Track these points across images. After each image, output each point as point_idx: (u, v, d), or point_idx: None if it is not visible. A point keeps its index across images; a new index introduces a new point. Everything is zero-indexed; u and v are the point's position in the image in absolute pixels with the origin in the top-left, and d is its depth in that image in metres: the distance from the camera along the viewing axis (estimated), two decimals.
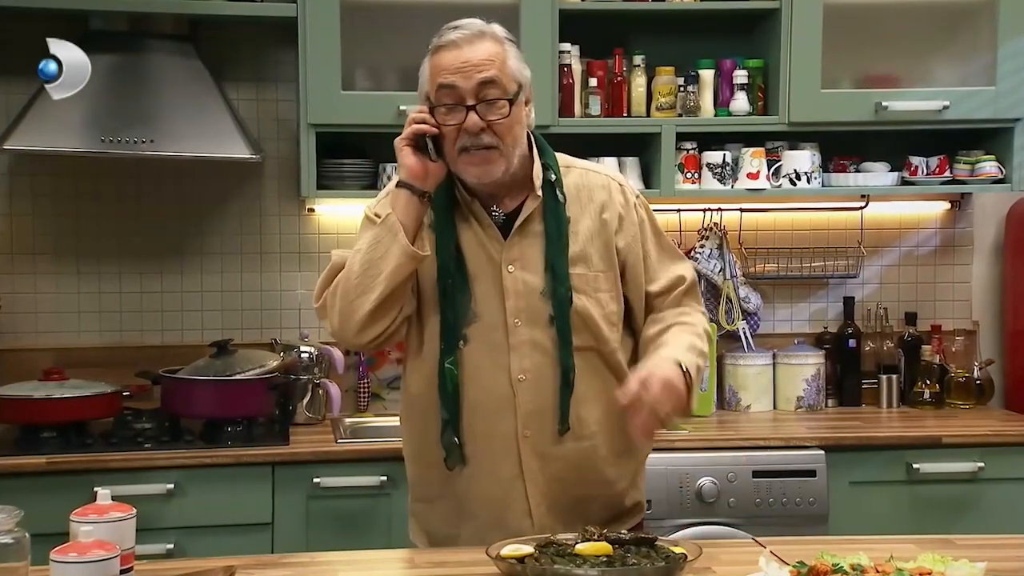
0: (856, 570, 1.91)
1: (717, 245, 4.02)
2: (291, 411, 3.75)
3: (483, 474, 2.33)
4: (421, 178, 2.24)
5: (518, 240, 2.31)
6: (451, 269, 2.29)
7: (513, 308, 2.29)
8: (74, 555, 1.81)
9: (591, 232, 2.34)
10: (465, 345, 2.30)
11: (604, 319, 2.34)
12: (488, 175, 2.26)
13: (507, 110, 2.23)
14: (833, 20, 3.74)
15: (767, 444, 3.53)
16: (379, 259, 2.22)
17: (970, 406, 4.03)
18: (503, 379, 2.30)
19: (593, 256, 2.34)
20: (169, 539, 3.26)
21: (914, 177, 3.92)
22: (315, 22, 3.57)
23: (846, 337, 4.09)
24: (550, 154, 2.38)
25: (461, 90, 2.22)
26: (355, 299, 2.23)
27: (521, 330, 2.29)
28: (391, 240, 2.21)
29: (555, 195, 2.32)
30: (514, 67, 2.27)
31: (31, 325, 3.88)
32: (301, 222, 3.99)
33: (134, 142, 3.51)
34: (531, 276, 2.30)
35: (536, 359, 2.30)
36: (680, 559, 1.99)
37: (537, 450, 2.32)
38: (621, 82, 3.81)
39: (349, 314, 2.25)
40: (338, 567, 2.20)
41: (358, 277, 2.23)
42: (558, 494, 2.34)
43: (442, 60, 2.24)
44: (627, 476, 2.42)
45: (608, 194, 2.37)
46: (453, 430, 2.31)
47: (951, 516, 3.56)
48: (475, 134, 2.22)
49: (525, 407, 2.30)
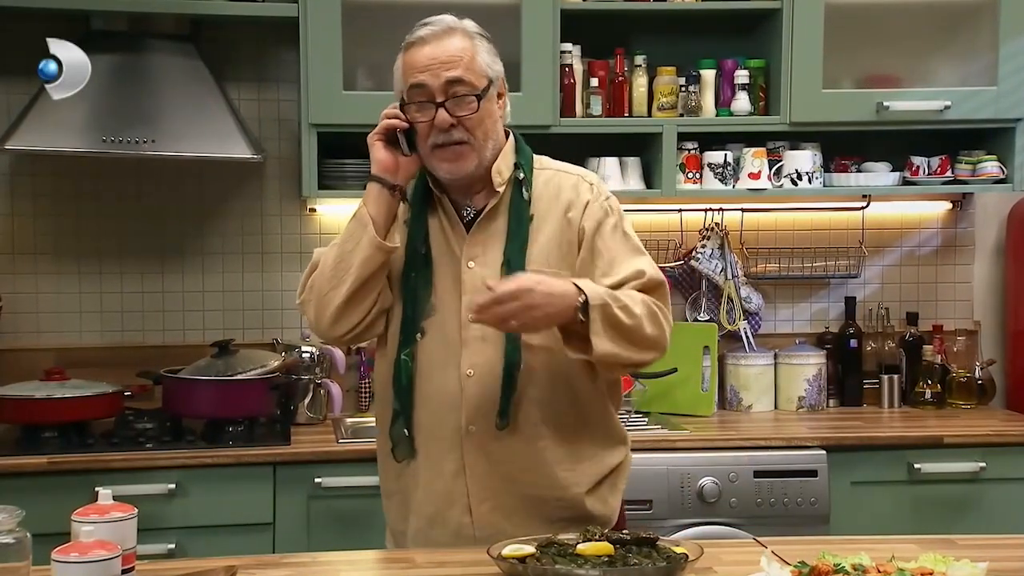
0: (858, 570, 1.91)
1: (718, 245, 4.02)
2: (292, 411, 3.75)
3: (428, 469, 2.34)
4: (392, 171, 2.30)
5: (480, 236, 2.33)
6: (416, 263, 2.32)
7: (468, 303, 2.28)
8: (75, 555, 1.81)
9: (554, 231, 2.33)
10: (422, 338, 2.32)
11: None
12: (460, 170, 2.29)
13: (476, 106, 2.26)
14: (834, 20, 3.74)
15: (768, 444, 3.53)
16: (350, 252, 2.27)
17: (972, 406, 4.03)
18: (453, 373, 2.30)
19: (553, 255, 2.32)
20: (170, 539, 3.26)
21: (915, 177, 3.92)
22: (316, 22, 3.57)
23: (847, 337, 4.09)
24: (525, 154, 2.38)
25: (430, 87, 2.25)
26: (328, 292, 2.29)
27: (474, 325, 2.27)
28: (361, 232, 2.26)
29: (520, 193, 2.32)
30: (484, 62, 2.29)
31: (32, 325, 3.88)
32: (302, 222, 3.99)
33: (135, 142, 3.51)
34: (489, 271, 2.30)
35: (487, 355, 2.29)
36: (681, 559, 1.99)
37: (482, 447, 2.31)
38: (622, 82, 3.81)
39: (323, 307, 2.30)
40: (339, 567, 2.20)
41: (331, 270, 2.29)
42: (505, 493, 2.32)
43: (412, 58, 2.29)
44: (585, 482, 2.36)
45: (576, 193, 2.35)
46: (404, 422, 2.33)
47: (953, 516, 3.55)
48: (445, 130, 2.25)
49: (470, 402, 2.30)
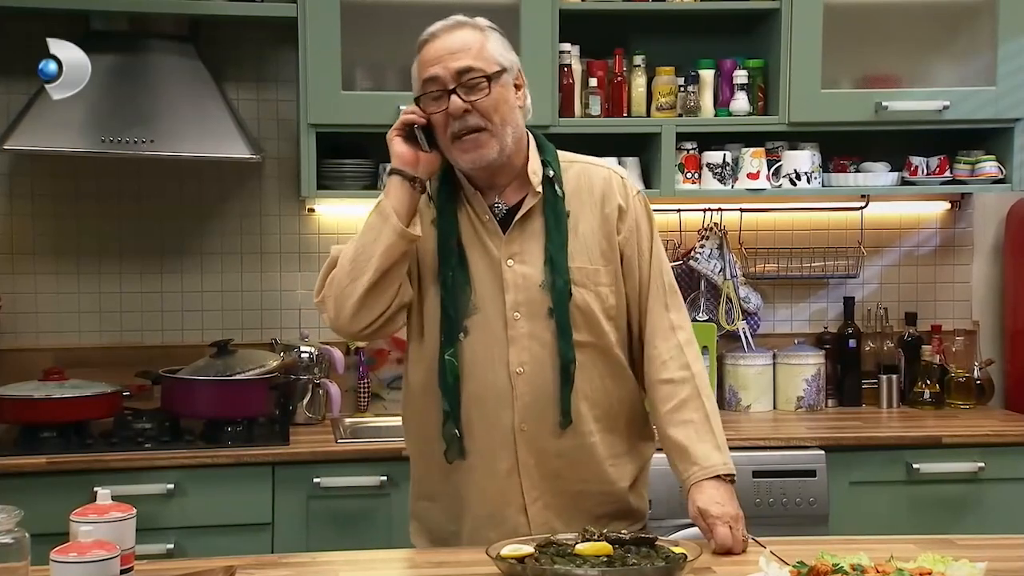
0: (856, 570, 1.91)
1: (717, 245, 4.02)
2: (291, 411, 3.75)
3: (481, 468, 2.33)
4: (412, 164, 2.28)
5: (518, 235, 2.32)
6: (452, 263, 2.30)
7: (512, 301, 2.30)
8: (74, 555, 1.81)
9: (592, 226, 2.35)
10: (465, 337, 2.31)
11: (604, 313, 2.34)
12: (482, 159, 2.27)
13: (487, 88, 2.25)
14: (833, 20, 3.74)
15: (767, 444, 3.53)
16: (370, 243, 2.25)
17: (970, 406, 4.03)
18: (502, 372, 2.30)
19: (594, 250, 2.34)
20: (169, 539, 3.26)
21: (914, 177, 3.92)
22: (315, 22, 3.57)
23: (846, 337, 4.09)
24: (550, 150, 2.38)
25: (441, 77, 2.25)
26: (348, 285, 2.26)
27: (521, 323, 2.30)
28: (382, 224, 2.24)
29: (554, 190, 2.33)
30: (495, 50, 2.29)
31: (31, 325, 3.88)
32: (301, 222, 3.99)
33: (134, 142, 3.51)
34: (530, 269, 2.31)
35: (535, 352, 2.30)
36: (680, 559, 1.99)
37: (534, 444, 2.31)
38: (621, 82, 3.81)
39: (343, 301, 2.27)
40: (338, 567, 2.20)
41: (351, 263, 2.26)
42: (555, 489, 2.33)
43: (424, 54, 2.29)
44: (627, 476, 2.41)
45: (610, 187, 2.38)
46: (454, 422, 2.31)
47: (951, 516, 3.56)
48: (460, 116, 2.24)
49: (523, 400, 2.30)
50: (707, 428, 2.31)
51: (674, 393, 2.33)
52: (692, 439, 2.30)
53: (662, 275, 2.39)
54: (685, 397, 2.32)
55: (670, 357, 2.34)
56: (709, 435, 2.30)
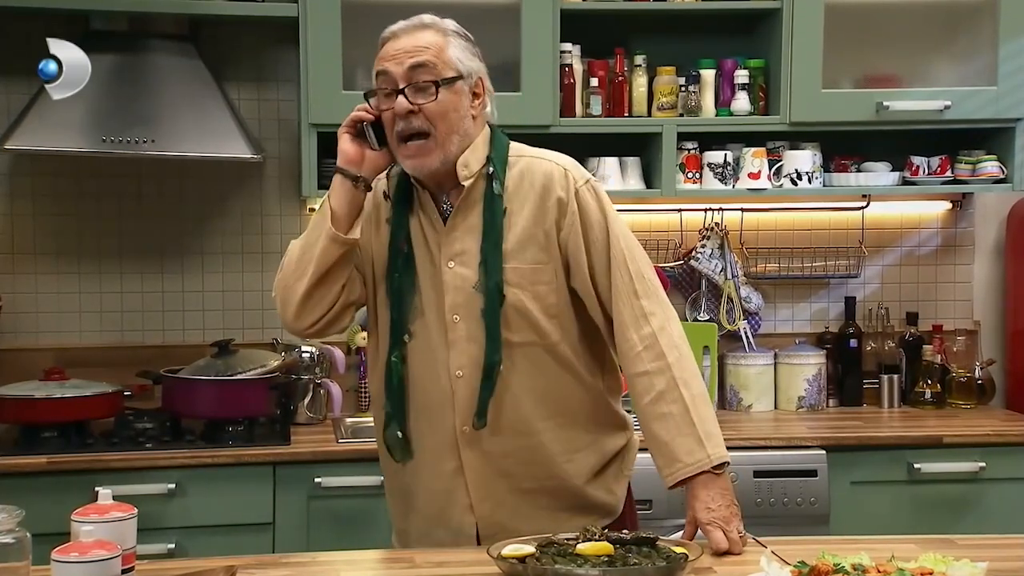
0: (857, 570, 1.91)
1: (718, 245, 4.02)
2: (292, 411, 3.76)
3: (426, 468, 2.34)
4: (356, 163, 2.27)
5: (457, 235, 2.30)
6: (399, 265, 2.30)
7: (451, 304, 2.28)
8: (75, 555, 1.81)
9: (529, 222, 2.29)
10: (410, 340, 2.31)
11: (543, 312, 2.30)
12: (424, 166, 2.25)
13: (435, 93, 2.21)
14: (834, 20, 3.74)
15: (768, 444, 3.53)
16: (312, 244, 2.27)
17: (971, 406, 4.03)
18: (444, 375, 2.29)
19: (530, 247, 2.29)
20: (170, 539, 3.27)
21: (915, 177, 3.92)
22: (316, 21, 3.57)
23: (847, 337, 4.09)
24: (499, 146, 2.33)
25: (393, 75, 2.23)
26: (292, 284, 2.29)
27: (459, 326, 2.28)
28: (320, 225, 2.26)
29: (491, 188, 2.29)
30: (454, 55, 2.25)
31: (32, 325, 3.88)
32: (302, 222, 3.99)
33: (135, 142, 3.51)
34: (468, 271, 2.28)
35: (473, 355, 2.27)
36: (681, 559, 1.99)
37: (477, 446, 2.30)
38: (622, 82, 3.81)
39: (287, 299, 2.30)
40: (339, 567, 2.20)
41: (295, 262, 2.30)
42: (505, 490, 2.32)
43: (384, 50, 2.28)
44: (586, 471, 2.37)
45: (551, 180, 2.30)
46: (398, 424, 2.32)
47: (952, 516, 3.56)
48: (404, 117, 2.22)
49: (462, 403, 2.29)
50: (687, 420, 2.22)
51: (651, 386, 2.25)
52: (672, 434, 2.22)
53: (626, 263, 2.29)
54: (662, 389, 2.24)
55: (644, 347, 2.26)
56: (689, 427, 2.22)
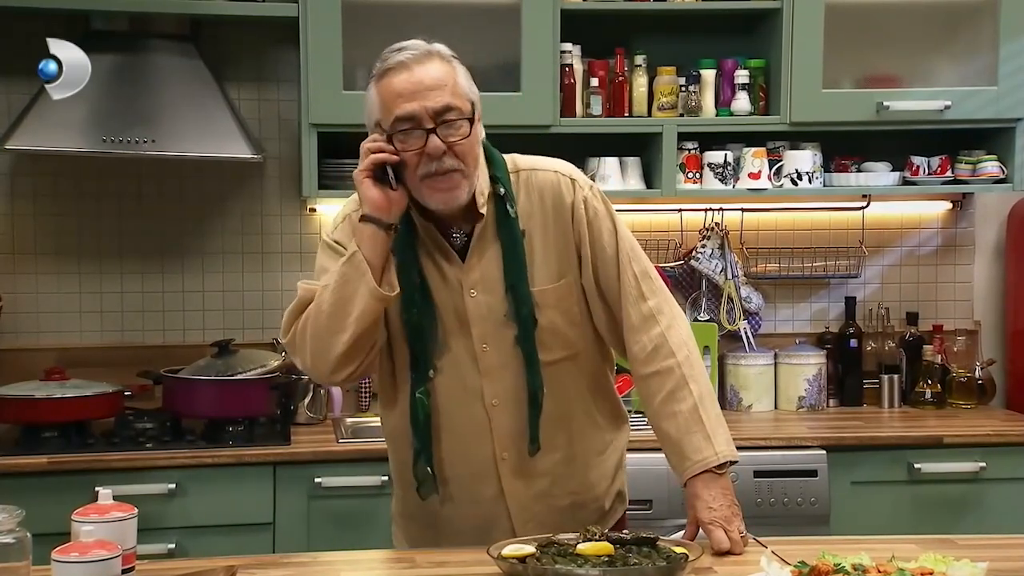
0: (858, 570, 1.91)
1: (718, 245, 4.02)
2: (292, 411, 3.75)
3: (463, 498, 2.32)
4: (386, 210, 2.15)
5: (476, 262, 2.25)
6: (416, 299, 2.23)
7: (479, 334, 2.25)
8: (75, 555, 1.81)
9: (546, 239, 2.28)
10: (436, 375, 2.26)
11: (570, 324, 2.30)
12: (454, 200, 2.18)
13: (467, 130, 2.15)
14: (834, 20, 3.74)
15: (768, 444, 3.53)
16: (347, 300, 2.14)
17: (972, 406, 4.03)
18: (477, 405, 2.27)
19: (552, 266, 2.28)
20: (170, 539, 3.27)
21: (915, 177, 3.92)
22: (316, 21, 3.57)
23: (847, 337, 4.09)
24: (499, 164, 2.27)
25: (419, 116, 2.13)
26: (327, 339, 2.16)
27: (490, 355, 2.26)
28: (358, 280, 2.13)
29: (506, 210, 2.23)
30: (465, 86, 2.18)
31: (32, 325, 3.88)
32: (302, 222, 3.99)
33: (135, 142, 3.51)
34: (493, 299, 2.25)
35: (507, 382, 2.26)
36: (681, 559, 1.99)
37: (518, 470, 2.30)
38: (622, 82, 3.81)
39: (321, 354, 2.18)
40: (339, 567, 2.20)
41: (328, 318, 2.16)
42: (544, 509, 2.32)
43: (394, 84, 2.15)
44: (607, 475, 2.40)
45: (558, 191, 2.28)
46: (426, 460, 2.28)
47: (953, 516, 3.56)
48: (438, 158, 2.13)
49: (500, 431, 2.28)
50: (696, 418, 2.23)
51: (661, 385, 2.26)
52: (680, 431, 2.23)
53: (631, 265, 2.29)
54: (671, 388, 2.25)
55: (653, 347, 2.27)
56: (698, 425, 2.23)
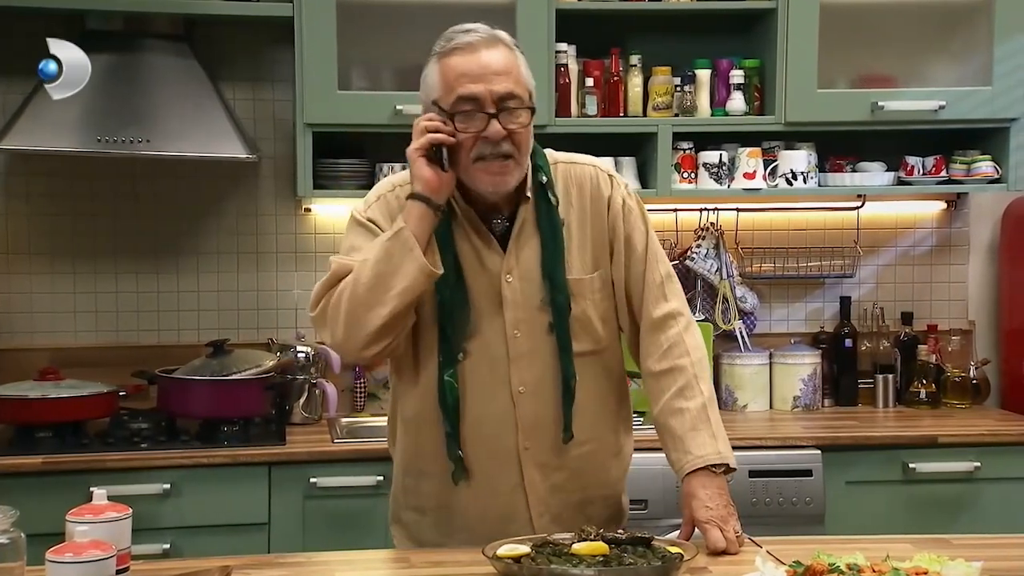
0: (852, 570, 1.91)
1: (713, 245, 4.02)
2: (287, 411, 3.75)
3: (482, 487, 2.30)
4: (437, 191, 2.14)
5: (515, 248, 2.26)
6: (450, 281, 2.22)
7: (512, 319, 2.25)
8: (70, 555, 1.81)
9: (584, 231, 2.30)
10: (465, 358, 2.25)
11: (600, 319, 2.32)
12: (504, 184, 2.19)
13: (526, 119, 2.17)
14: (829, 20, 3.74)
15: (763, 444, 3.53)
16: (391, 274, 2.12)
17: (966, 406, 4.04)
18: (503, 392, 2.27)
19: (588, 257, 2.30)
20: (165, 539, 3.26)
21: (910, 177, 3.93)
22: (311, 22, 3.57)
23: (842, 337, 4.09)
24: (540, 154, 2.29)
25: (482, 98, 2.13)
26: (364, 313, 2.13)
27: (521, 341, 2.26)
28: (403, 255, 2.11)
29: (547, 198, 2.26)
30: (526, 75, 2.20)
31: (27, 325, 3.88)
32: (297, 222, 3.99)
33: (130, 142, 3.51)
34: (529, 285, 2.26)
35: (536, 370, 2.26)
36: (676, 559, 1.99)
37: (539, 461, 2.30)
38: (617, 82, 3.81)
39: (356, 327, 2.15)
40: (334, 567, 2.20)
41: (368, 290, 2.13)
42: (561, 502, 2.32)
43: (459, 64, 2.14)
44: (622, 473, 2.42)
45: (596, 185, 2.31)
46: (456, 443, 2.27)
47: (947, 516, 3.56)
48: (495, 143, 2.14)
49: (525, 420, 2.27)
50: (703, 416, 2.26)
51: (673, 381, 2.28)
52: (686, 427, 2.25)
53: (657, 265, 2.32)
54: (682, 385, 2.28)
55: (669, 345, 2.30)
56: (704, 423, 2.25)
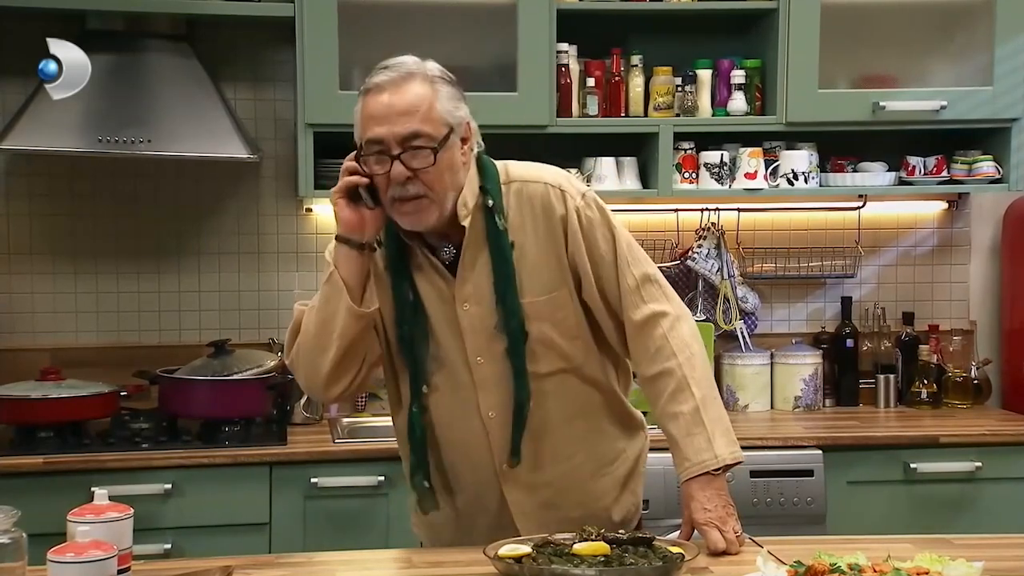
0: (854, 570, 1.91)
1: (715, 245, 4.02)
2: (288, 411, 3.75)
3: (473, 507, 2.33)
4: (358, 230, 2.19)
5: (468, 275, 2.25)
6: (407, 315, 2.25)
7: (473, 347, 2.25)
8: (71, 555, 1.81)
9: (538, 251, 2.26)
10: (431, 390, 2.27)
11: (565, 337, 2.29)
12: (420, 223, 2.18)
13: (432, 159, 2.13)
14: (830, 20, 3.74)
15: (765, 444, 3.53)
16: (329, 318, 2.19)
17: (967, 406, 4.04)
18: (475, 418, 2.28)
19: (544, 276, 2.27)
20: (166, 539, 3.27)
21: (911, 177, 3.93)
22: (313, 22, 3.57)
23: (843, 337, 4.09)
24: (491, 175, 2.25)
25: (386, 140, 2.14)
26: (315, 358, 2.22)
27: (484, 367, 2.26)
28: (337, 299, 2.18)
29: (495, 222, 2.22)
30: (443, 109, 2.16)
31: (28, 325, 3.88)
32: (298, 222, 3.99)
33: (131, 142, 3.51)
34: (484, 311, 2.24)
35: (503, 394, 2.26)
36: (677, 559, 1.99)
37: (519, 481, 2.30)
38: (619, 82, 3.81)
39: (312, 371, 2.24)
40: (335, 567, 2.20)
41: (313, 337, 2.22)
42: (550, 520, 2.30)
43: (368, 106, 2.17)
44: (616, 484, 2.39)
45: (548, 203, 2.26)
46: (423, 475, 2.30)
47: (949, 516, 3.56)
48: (402, 184, 2.14)
49: (499, 443, 2.28)
50: (696, 420, 2.22)
51: (664, 387, 2.26)
52: (682, 433, 2.23)
53: (629, 269, 2.27)
54: (673, 389, 2.25)
55: (656, 349, 2.26)
56: (699, 427, 2.22)
